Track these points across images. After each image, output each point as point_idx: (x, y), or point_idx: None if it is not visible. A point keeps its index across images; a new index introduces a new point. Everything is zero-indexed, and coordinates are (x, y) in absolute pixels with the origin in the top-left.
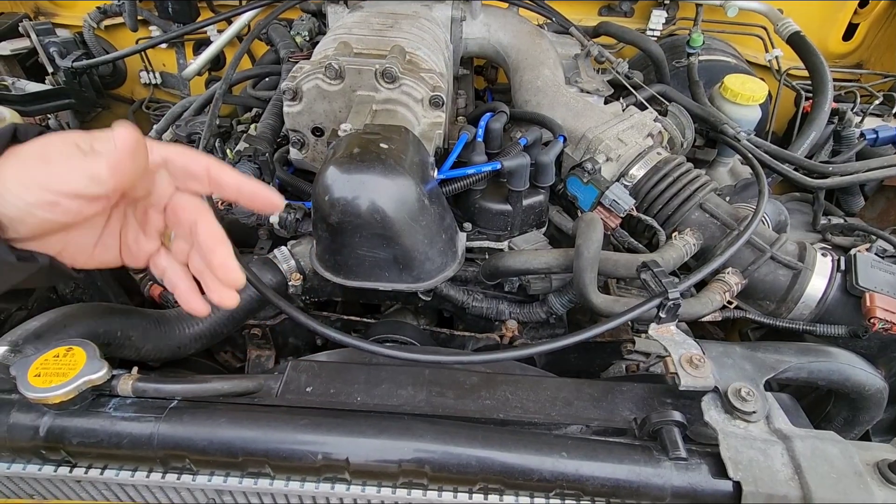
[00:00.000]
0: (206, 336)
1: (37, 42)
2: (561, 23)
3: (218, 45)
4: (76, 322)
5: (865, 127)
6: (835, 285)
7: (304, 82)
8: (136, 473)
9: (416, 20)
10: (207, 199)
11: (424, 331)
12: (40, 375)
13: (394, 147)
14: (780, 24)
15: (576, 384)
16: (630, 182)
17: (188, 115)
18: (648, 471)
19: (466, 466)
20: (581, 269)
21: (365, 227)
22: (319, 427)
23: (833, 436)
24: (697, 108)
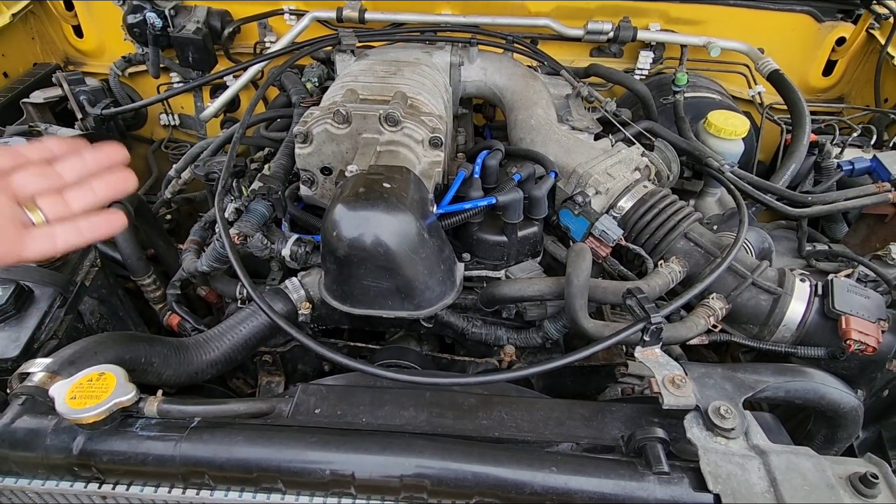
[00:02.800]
0: (222, 362)
1: (68, 91)
2: (552, 65)
3: (233, 90)
4: (105, 349)
5: (845, 158)
6: (813, 309)
7: (315, 126)
8: (158, 489)
9: (418, 67)
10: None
11: (427, 356)
12: (76, 398)
13: (396, 186)
14: (760, 62)
15: (568, 405)
16: (618, 213)
17: (206, 155)
18: (633, 485)
19: (463, 481)
20: (572, 296)
21: (370, 259)
22: (327, 444)
23: (807, 451)
24: (683, 143)
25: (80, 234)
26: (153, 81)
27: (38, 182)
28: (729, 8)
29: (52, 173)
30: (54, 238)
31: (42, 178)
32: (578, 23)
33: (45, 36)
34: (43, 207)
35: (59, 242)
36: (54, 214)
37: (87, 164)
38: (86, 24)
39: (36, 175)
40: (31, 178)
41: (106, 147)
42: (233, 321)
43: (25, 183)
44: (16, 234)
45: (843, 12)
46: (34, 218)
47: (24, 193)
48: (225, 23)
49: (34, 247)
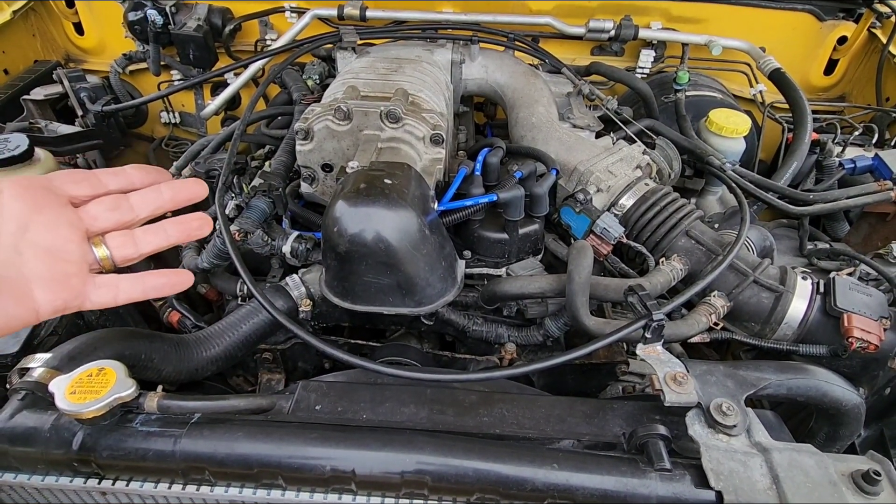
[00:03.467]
0: (222, 359)
1: (69, 88)
2: (553, 64)
3: (234, 88)
4: (105, 345)
5: (846, 157)
6: (815, 307)
7: (316, 123)
8: (158, 485)
9: (419, 64)
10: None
11: (427, 354)
12: (76, 393)
13: (397, 182)
14: (761, 61)
15: (569, 402)
16: (620, 211)
17: (206, 153)
18: (635, 482)
19: (464, 477)
20: (573, 293)
21: (371, 255)
22: (328, 441)
23: (810, 448)
24: (684, 141)
25: (144, 291)
26: (154, 79)
27: (110, 216)
28: (730, 6)
29: (127, 206)
30: (117, 291)
31: (115, 211)
32: (580, 21)
33: (46, 33)
34: (111, 245)
35: (121, 296)
36: (122, 256)
37: (163, 198)
38: (87, 22)
39: (110, 209)
40: (105, 213)
41: (187, 182)
42: (233, 318)
43: (98, 216)
44: (80, 283)
45: (845, 11)
46: (99, 255)
47: (94, 228)
48: (226, 20)
49: (97, 297)
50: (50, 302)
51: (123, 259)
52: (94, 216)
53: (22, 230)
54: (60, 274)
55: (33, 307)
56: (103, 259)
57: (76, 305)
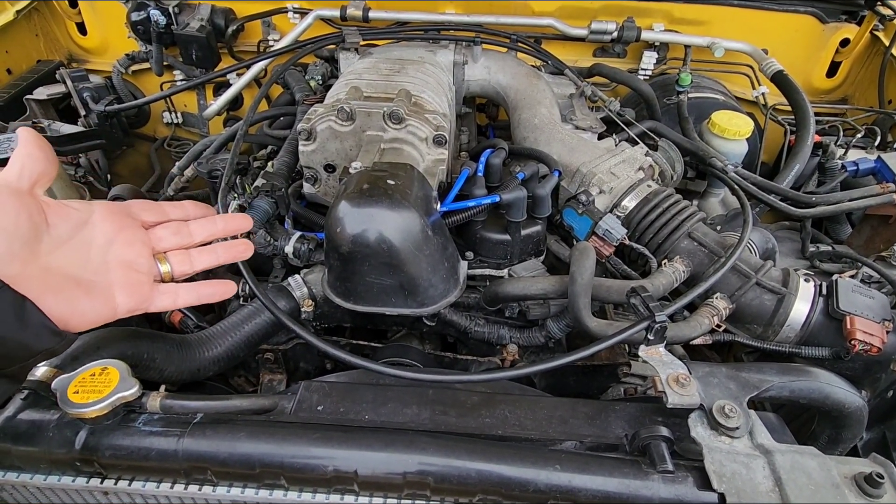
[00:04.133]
0: (224, 359)
1: (72, 88)
2: (556, 65)
3: (237, 88)
4: (108, 345)
5: (849, 159)
6: (817, 309)
7: (319, 124)
8: (161, 485)
9: (422, 65)
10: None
11: (429, 355)
12: (78, 392)
13: (400, 183)
14: (764, 63)
15: (571, 403)
16: (622, 213)
17: (209, 153)
18: (637, 483)
19: (466, 478)
20: (575, 295)
21: (373, 256)
22: (330, 441)
23: (812, 450)
24: (687, 143)
25: (198, 297)
26: (156, 79)
27: (173, 240)
28: (733, 9)
29: (185, 231)
30: (176, 297)
31: (177, 235)
32: (582, 23)
33: (49, 33)
34: (172, 262)
35: (179, 301)
36: (180, 271)
37: (216, 227)
38: (90, 22)
39: (172, 233)
40: (168, 236)
41: (236, 217)
42: (235, 318)
43: (163, 238)
44: (149, 289)
45: (847, 13)
46: (162, 270)
47: (159, 247)
48: (228, 21)
49: (160, 301)
50: (125, 303)
51: (181, 273)
52: (160, 238)
53: (108, 245)
54: (135, 282)
55: (114, 306)
56: (165, 273)
57: (144, 307)
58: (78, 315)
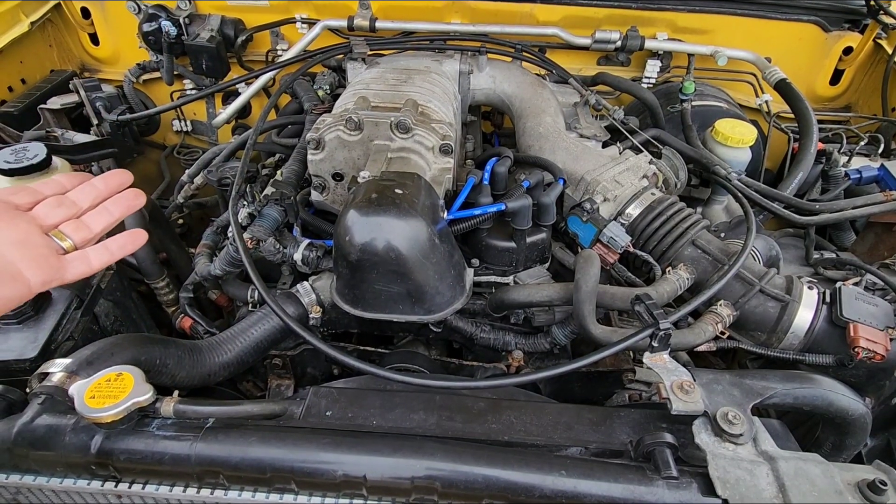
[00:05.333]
0: (234, 364)
1: (85, 98)
2: (560, 74)
3: (246, 97)
4: (122, 350)
5: (852, 167)
6: (821, 317)
7: (327, 133)
8: (174, 489)
9: (428, 75)
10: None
11: (435, 361)
12: (95, 397)
13: (407, 192)
14: (767, 71)
15: (576, 409)
16: (626, 220)
17: (218, 161)
18: (642, 489)
19: (473, 483)
20: (580, 302)
21: (381, 264)
22: (340, 446)
23: (816, 457)
24: (690, 151)
25: (111, 253)
26: (166, 88)
27: (57, 212)
28: (736, 17)
29: (68, 202)
30: (89, 261)
31: (60, 207)
32: (586, 32)
33: (63, 43)
34: (68, 233)
35: (94, 263)
36: (80, 238)
37: (97, 189)
38: (102, 32)
39: (54, 206)
40: (51, 210)
41: (112, 173)
42: (245, 324)
43: (47, 214)
44: (56, 261)
45: (850, 22)
46: (64, 245)
47: (48, 223)
48: (238, 31)
49: (74, 269)
50: (37, 276)
51: (83, 241)
52: (45, 214)
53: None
54: (37, 255)
55: (26, 283)
56: (68, 246)
57: (59, 279)
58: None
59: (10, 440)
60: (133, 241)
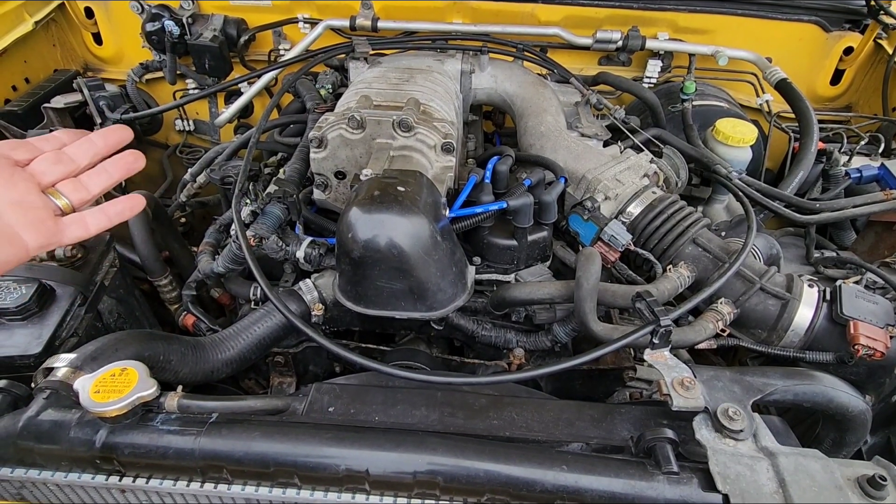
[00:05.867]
0: (236, 361)
1: (88, 97)
2: (562, 73)
3: (248, 97)
4: (126, 346)
5: (852, 166)
6: (821, 314)
7: (330, 131)
8: (177, 483)
9: (430, 74)
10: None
11: (436, 358)
12: (100, 392)
13: (410, 190)
14: (767, 71)
15: (577, 406)
16: (627, 219)
17: (221, 160)
18: (643, 484)
19: (475, 478)
20: (581, 299)
21: (384, 261)
22: (343, 441)
23: (816, 453)
24: (691, 150)
25: (109, 218)
26: (169, 87)
27: (55, 169)
28: (737, 18)
29: (66, 158)
30: (87, 224)
31: (58, 164)
32: (587, 32)
33: (66, 43)
34: (66, 193)
35: (91, 228)
36: (77, 199)
37: (96, 146)
38: (105, 32)
39: (52, 162)
40: (49, 166)
41: (111, 128)
42: (247, 321)
43: (44, 171)
44: (53, 223)
45: (851, 22)
46: (60, 204)
47: (45, 181)
48: (240, 31)
49: (71, 232)
50: (35, 240)
51: (80, 201)
52: (42, 171)
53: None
54: (35, 218)
55: (23, 246)
56: (65, 206)
57: (56, 241)
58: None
59: (16, 434)
60: (131, 207)
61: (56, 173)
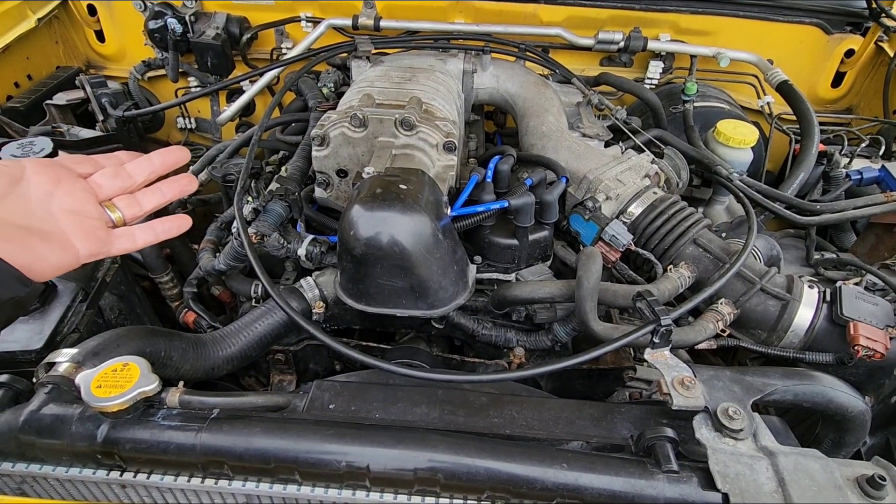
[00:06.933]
0: (237, 358)
1: (91, 94)
2: (564, 74)
3: (250, 95)
4: (127, 342)
5: (853, 168)
6: (821, 315)
7: (332, 130)
8: (178, 478)
9: (432, 73)
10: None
11: (437, 357)
12: (101, 387)
13: (412, 188)
14: (769, 73)
15: (577, 405)
16: (628, 219)
17: (222, 158)
18: (642, 483)
19: (475, 475)
20: (582, 299)
21: (385, 258)
22: (343, 437)
23: (815, 453)
24: (692, 151)
25: (156, 234)
26: (171, 85)
27: (113, 184)
28: (738, 19)
29: (125, 174)
30: (135, 238)
31: (116, 179)
32: (589, 32)
33: (69, 40)
34: (120, 207)
35: (138, 241)
36: (130, 214)
37: (154, 164)
38: (108, 29)
39: (111, 177)
40: (108, 181)
41: (169, 150)
42: (249, 318)
43: (103, 184)
44: (105, 234)
45: (852, 25)
46: (114, 217)
47: (102, 195)
48: (243, 29)
49: (119, 244)
50: (86, 248)
51: (132, 217)
52: (101, 184)
53: (48, 197)
54: (89, 227)
55: (75, 252)
56: (117, 219)
57: (105, 252)
58: (40, 261)
59: (17, 428)
60: (178, 226)
61: (114, 188)
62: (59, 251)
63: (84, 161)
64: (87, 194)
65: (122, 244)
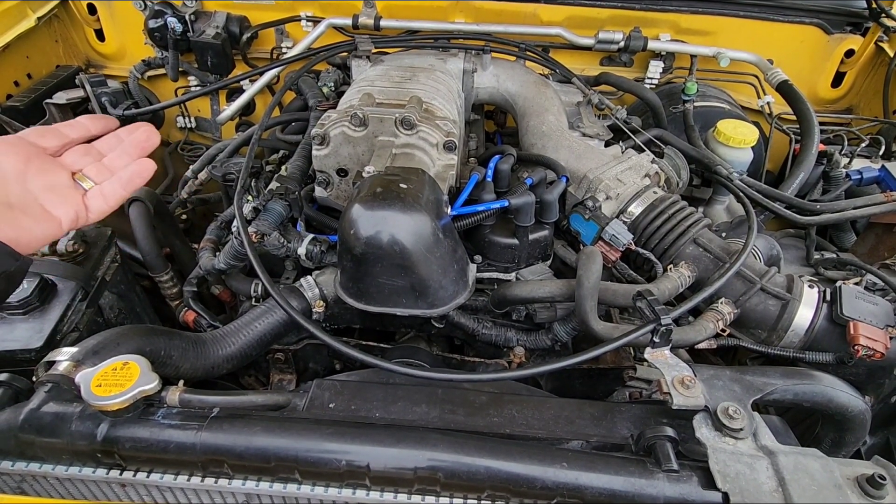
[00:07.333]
0: (237, 357)
1: (91, 93)
2: (564, 73)
3: (250, 94)
4: (127, 341)
5: (853, 168)
6: (821, 315)
7: (332, 129)
8: (178, 477)
9: (432, 73)
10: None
11: (437, 356)
12: (101, 386)
13: (412, 187)
14: (769, 73)
15: (578, 404)
16: (628, 219)
17: (222, 157)
18: (643, 482)
19: (475, 474)
20: (582, 298)
21: (386, 257)
22: (343, 436)
23: (815, 452)
24: (692, 151)
25: (124, 186)
26: (171, 84)
27: (84, 160)
28: (739, 19)
29: (95, 152)
30: (106, 197)
31: (88, 156)
32: (590, 32)
33: (68, 39)
34: (91, 175)
35: (110, 199)
36: (100, 179)
37: (122, 140)
38: (108, 28)
39: (82, 155)
40: (79, 158)
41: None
42: (249, 317)
43: (75, 161)
44: (80, 200)
45: (852, 25)
46: (85, 185)
47: (73, 168)
48: (243, 28)
49: (96, 207)
50: (66, 215)
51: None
52: (73, 162)
53: (21, 176)
54: (66, 198)
55: (57, 222)
56: (90, 188)
57: (84, 218)
58: (25, 233)
59: (17, 427)
60: (140, 172)
61: (84, 163)
62: (42, 223)
63: (47, 132)
64: (60, 170)
65: (98, 206)
